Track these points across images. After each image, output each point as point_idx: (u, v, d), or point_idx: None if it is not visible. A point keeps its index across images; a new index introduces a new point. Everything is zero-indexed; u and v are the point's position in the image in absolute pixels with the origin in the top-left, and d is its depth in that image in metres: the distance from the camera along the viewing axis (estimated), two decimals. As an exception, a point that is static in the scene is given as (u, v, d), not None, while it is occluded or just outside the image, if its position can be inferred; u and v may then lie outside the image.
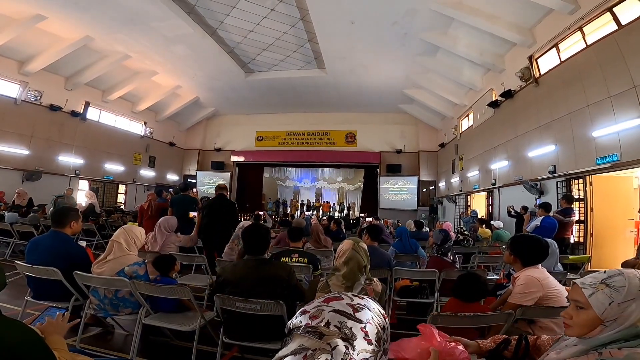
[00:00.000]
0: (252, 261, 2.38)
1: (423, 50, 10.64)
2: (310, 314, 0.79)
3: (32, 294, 2.76)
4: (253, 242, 2.42)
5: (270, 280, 2.29)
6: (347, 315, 0.79)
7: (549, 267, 3.34)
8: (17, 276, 3.64)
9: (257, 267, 2.35)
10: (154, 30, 10.08)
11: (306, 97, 15.79)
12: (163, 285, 2.54)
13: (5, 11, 8.94)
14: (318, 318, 0.77)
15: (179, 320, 2.55)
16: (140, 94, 15.04)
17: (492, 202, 10.88)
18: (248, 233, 2.47)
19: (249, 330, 2.31)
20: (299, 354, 0.74)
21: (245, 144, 19.16)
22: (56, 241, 2.73)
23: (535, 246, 2.29)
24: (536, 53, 8.00)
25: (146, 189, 16.53)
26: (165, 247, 4.14)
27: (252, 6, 9.07)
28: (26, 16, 9.09)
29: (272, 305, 2.15)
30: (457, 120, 13.63)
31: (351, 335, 0.75)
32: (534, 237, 2.40)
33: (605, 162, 5.96)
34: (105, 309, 2.64)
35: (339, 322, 0.77)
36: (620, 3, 5.75)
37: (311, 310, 0.81)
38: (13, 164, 10.72)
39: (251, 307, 2.18)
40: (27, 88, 11.00)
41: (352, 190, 21.68)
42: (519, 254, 2.30)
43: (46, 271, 2.55)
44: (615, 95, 5.77)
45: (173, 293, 2.52)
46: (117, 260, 2.63)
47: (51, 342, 1.34)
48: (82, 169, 13.15)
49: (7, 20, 9.14)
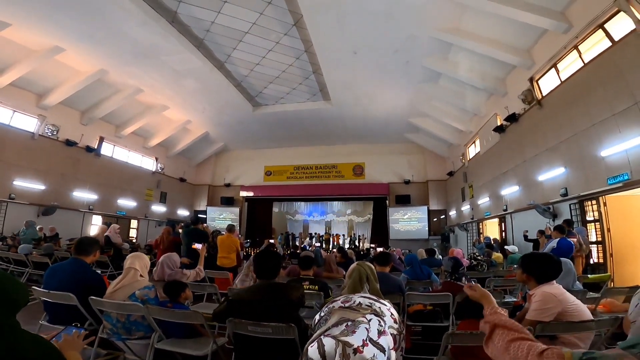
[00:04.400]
0: (265, 285, 2.35)
1: (425, 78, 10.97)
2: (342, 300, 0.93)
3: (47, 318, 2.79)
4: (264, 266, 2.39)
5: (283, 303, 2.26)
6: (374, 299, 0.95)
7: (567, 285, 3.24)
8: (33, 302, 3.66)
9: (271, 291, 2.31)
10: (164, 63, 10.58)
11: (313, 129, 16.14)
12: (177, 310, 2.55)
13: (26, 42, 9.39)
14: (350, 301, 0.91)
15: (190, 345, 2.53)
16: (152, 129, 15.60)
17: (505, 228, 10.68)
18: (260, 257, 2.46)
19: (260, 356, 2.25)
20: (340, 325, 0.85)
21: (254, 179, 19.42)
22: (75, 267, 2.80)
23: (546, 262, 2.26)
24: (536, 74, 8.16)
25: (157, 224, 16.72)
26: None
27: (258, 40, 9.53)
28: (45, 48, 9.56)
29: (284, 328, 2.12)
30: (464, 147, 13.71)
31: (381, 313, 0.92)
32: (545, 254, 2.38)
33: (617, 181, 5.88)
34: (118, 332, 2.65)
35: (369, 302, 0.93)
36: (611, 19, 5.92)
37: (340, 299, 0.95)
38: (29, 198, 10.99)
39: (263, 331, 2.15)
40: (45, 122, 11.42)
41: (362, 223, 21.50)
42: (530, 271, 2.26)
43: (62, 296, 2.60)
44: (619, 113, 5.79)
45: (186, 317, 2.53)
46: (130, 285, 2.70)
47: (68, 358, 1.36)
48: (95, 205, 13.41)
49: (27, 52, 9.62)
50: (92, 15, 8.30)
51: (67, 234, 10.99)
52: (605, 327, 2.22)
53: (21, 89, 10.72)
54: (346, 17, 8.27)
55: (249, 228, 19.23)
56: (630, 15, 5.18)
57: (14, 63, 9.69)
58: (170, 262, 3.50)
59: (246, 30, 9.06)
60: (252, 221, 19.53)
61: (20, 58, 9.66)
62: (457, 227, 14.88)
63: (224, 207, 19.01)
